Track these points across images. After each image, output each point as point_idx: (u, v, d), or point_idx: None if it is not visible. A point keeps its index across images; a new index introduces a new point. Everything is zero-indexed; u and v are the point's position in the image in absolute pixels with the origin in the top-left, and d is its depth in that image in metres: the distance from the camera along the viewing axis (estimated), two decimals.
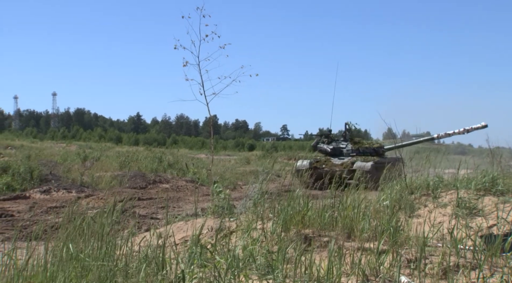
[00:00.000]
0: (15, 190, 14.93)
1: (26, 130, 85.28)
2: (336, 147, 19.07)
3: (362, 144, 18.98)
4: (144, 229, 8.05)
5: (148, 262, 3.62)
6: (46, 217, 9.50)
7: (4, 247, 4.54)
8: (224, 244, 4.31)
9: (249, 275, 3.45)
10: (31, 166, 17.33)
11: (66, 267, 3.57)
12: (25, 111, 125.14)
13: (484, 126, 14.76)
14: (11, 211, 10.85)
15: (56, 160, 24.46)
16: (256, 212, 5.18)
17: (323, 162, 18.04)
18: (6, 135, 56.83)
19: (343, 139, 19.61)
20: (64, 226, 4.33)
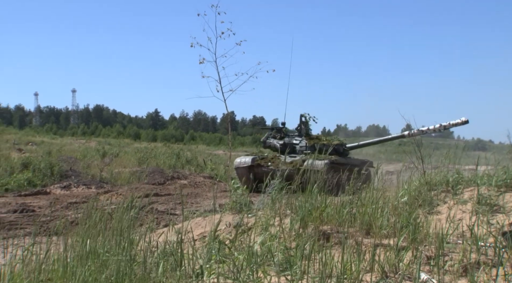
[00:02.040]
0: (36, 185, 15.13)
1: (46, 127, 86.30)
2: (288, 142, 16.60)
3: (319, 140, 16.38)
4: (163, 224, 8.09)
5: (167, 257, 3.64)
6: (66, 213, 9.61)
7: (25, 241, 4.60)
8: (242, 240, 4.31)
9: (267, 271, 3.45)
10: (52, 162, 17.56)
11: (85, 262, 3.60)
12: (45, 108, 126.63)
13: (464, 122, 12.89)
14: (32, 206, 10.99)
15: (75, 156, 24.73)
16: (274, 208, 5.18)
17: (270, 159, 15.62)
18: (27, 132, 57.60)
19: (297, 135, 17.07)
20: (83, 222, 4.37)
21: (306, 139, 16.34)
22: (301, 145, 16.31)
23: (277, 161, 15.22)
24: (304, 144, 16.26)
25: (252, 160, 15.48)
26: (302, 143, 16.35)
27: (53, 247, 4.05)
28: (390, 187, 6.09)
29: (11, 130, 53.40)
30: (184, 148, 40.96)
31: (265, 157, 15.74)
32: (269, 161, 15.42)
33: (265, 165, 15.23)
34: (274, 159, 15.51)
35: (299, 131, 17.00)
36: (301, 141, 16.42)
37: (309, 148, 15.85)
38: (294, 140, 16.54)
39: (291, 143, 16.47)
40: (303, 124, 17.12)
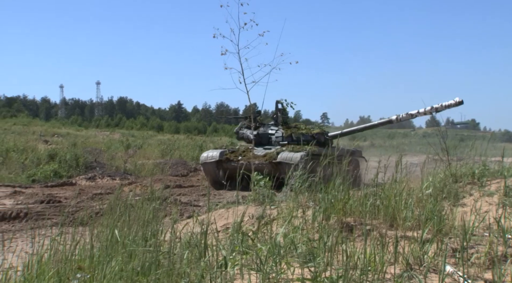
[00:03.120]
0: (62, 176, 15.38)
1: (72, 119, 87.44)
2: (262, 132, 14.95)
3: (298, 129, 14.77)
4: (186, 216, 8.16)
5: (191, 248, 3.67)
6: (91, 203, 9.75)
7: (52, 231, 4.67)
8: (265, 231, 4.32)
9: (290, 262, 3.45)
10: (77, 154, 17.81)
11: (111, 252, 3.65)
12: (71, 100, 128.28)
13: (458, 103, 11.57)
14: (59, 197, 11.18)
15: (100, 147, 25.03)
16: (297, 200, 5.17)
17: (241, 152, 14.03)
18: (53, 124, 58.44)
19: (273, 124, 15.43)
20: (108, 212, 4.42)
21: (282, 129, 14.82)
22: (277, 135, 14.77)
23: (249, 154, 13.75)
24: (280, 134, 14.73)
25: (220, 154, 13.92)
26: (278, 133, 14.80)
27: (79, 237, 4.11)
28: (414, 179, 6.04)
29: (37, 122, 54.27)
30: (207, 139, 41.15)
31: (236, 150, 14.30)
32: (240, 154, 13.92)
33: (235, 159, 13.69)
34: (246, 152, 13.97)
35: (275, 120, 15.42)
36: (277, 131, 14.87)
37: (286, 138, 14.46)
38: (270, 130, 15.01)
39: (266, 133, 14.98)
40: (279, 111, 15.44)
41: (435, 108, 11.89)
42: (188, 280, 3.18)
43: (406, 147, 32.57)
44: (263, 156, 13.40)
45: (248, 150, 14.09)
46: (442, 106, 11.72)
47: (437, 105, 11.80)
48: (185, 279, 3.19)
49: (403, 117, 13.00)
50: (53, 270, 3.54)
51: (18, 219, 8.46)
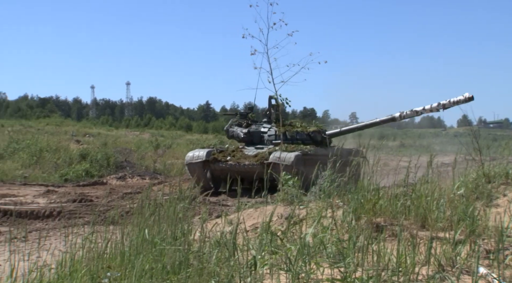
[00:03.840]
0: (93, 176, 15.63)
1: (102, 119, 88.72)
2: (254, 130, 13.82)
3: (293, 127, 13.65)
4: (215, 215, 8.19)
5: (220, 248, 3.68)
6: (121, 203, 9.88)
7: (84, 230, 4.74)
8: (294, 231, 4.31)
9: (320, 262, 3.44)
10: (108, 153, 18.09)
11: (142, 250, 3.68)
12: (101, 101, 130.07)
13: (468, 99, 10.51)
14: (90, 196, 11.36)
15: (130, 147, 25.33)
16: (326, 200, 5.14)
17: (230, 152, 12.94)
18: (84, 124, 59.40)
19: (266, 121, 14.25)
20: (138, 212, 4.46)
21: (276, 127, 13.61)
22: (269, 134, 13.63)
23: (239, 154, 12.72)
24: (273, 132, 13.58)
25: (207, 154, 12.78)
26: (271, 131, 13.65)
27: (110, 236, 4.16)
28: (445, 179, 5.93)
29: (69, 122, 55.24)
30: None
31: (225, 149, 13.20)
32: (228, 154, 12.83)
33: (223, 159, 12.61)
34: (236, 151, 12.91)
35: (268, 117, 14.27)
36: (270, 129, 13.71)
37: (279, 137, 13.24)
38: (262, 128, 13.85)
39: (258, 131, 13.83)
40: (272, 108, 14.23)
41: (442, 105, 11.04)
42: (218, 279, 3.20)
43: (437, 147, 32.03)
44: (254, 156, 12.32)
45: (238, 149, 13.09)
46: (450, 103, 10.84)
47: (445, 102, 10.96)
48: (215, 279, 3.20)
49: (407, 114, 12.15)
50: (85, 268, 3.60)
51: (52, 218, 8.64)
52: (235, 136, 14.20)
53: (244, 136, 13.89)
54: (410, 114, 12.09)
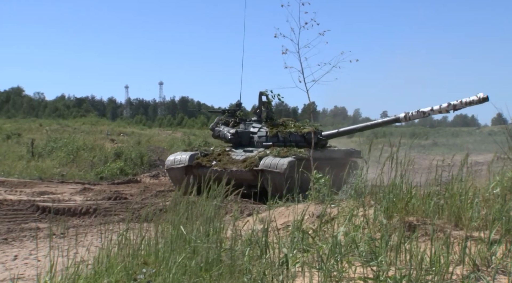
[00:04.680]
0: (127, 174, 15.86)
1: (136, 118, 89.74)
2: (242, 131, 12.40)
3: (286, 127, 12.24)
4: (246, 213, 8.21)
5: (252, 245, 3.69)
6: (155, 200, 9.99)
7: (119, 227, 4.81)
8: (325, 230, 4.29)
9: (351, 261, 3.41)
10: (141, 152, 18.32)
11: (176, 248, 3.72)
12: (135, 100, 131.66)
13: (482, 99, 9.58)
14: (124, 194, 11.54)
15: (163, 146, 25.59)
16: (358, 198, 5.09)
17: (216, 156, 11.54)
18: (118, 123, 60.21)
19: (255, 120, 12.78)
20: (172, 209, 4.51)
21: (267, 127, 12.25)
22: (259, 135, 12.19)
23: (226, 158, 11.36)
24: (264, 133, 12.15)
25: (189, 158, 11.48)
26: (261, 131, 12.21)
27: (144, 233, 4.21)
28: (479, 178, 5.81)
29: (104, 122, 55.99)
30: None
31: (210, 153, 11.78)
32: (214, 158, 11.44)
33: (208, 165, 11.18)
34: (222, 155, 11.54)
35: (258, 115, 12.73)
36: (260, 129, 12.27)
37: (270, 138, 11.98)
38: (252, 128, 12.45)
39: (247, 131, 12.42)
40: (263, 105, 12.69)
41: (453, 106, 10.11)
42: (250, 277, 3.20)
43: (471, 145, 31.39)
44: (242, 161, 10.98)
45: (224, 152, 11.74)
46: (462, 104, 9.96)
47: (456, 102, 10.03)
48: (247, 276, 3.21)
49: (412, 115, 11.08)
50: (121, 264, 3.66)
51: (88, 215, 8.80)
52: (222, 136, 12.79)
53: (231, 137, 12.45)
54: (416, 115, 11.11)
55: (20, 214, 9.07)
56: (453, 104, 10.03)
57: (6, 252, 6.16)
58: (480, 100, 9.61)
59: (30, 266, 5.31)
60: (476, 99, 9.65)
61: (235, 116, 13.02)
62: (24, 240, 6.83)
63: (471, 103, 9.79)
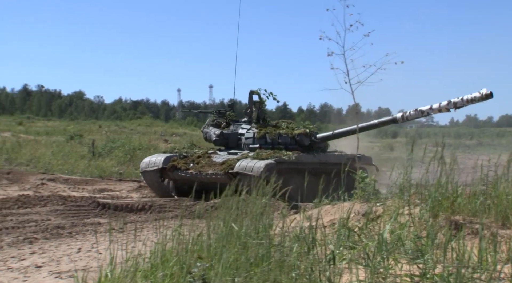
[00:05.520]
0: None
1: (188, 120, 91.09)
2: (229, 132, 11.33)
3: (276, 129, 11.14)
4: (293, 211, 8.19)
5: (299, 242, 3.68)
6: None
7: (173, 223, 4.90)
8: (371, 228, 4.23)
9: (397, 258, 3.35)
10: None
11: (227, 243, 3.75)
12: (187, 102, 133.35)
13: (486, 96, 8.50)
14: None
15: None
16: (403, 197, 5.00)
17: (195, 158, 10.53)
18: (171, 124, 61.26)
19: (246, 121, 11.72)
20: (223, 206, 4.55)
21: (257, 128, 11.16)
22: (247, 136, 11.10)
23: (205, 161, 10.31)
24: (251, 134, 11.05)
25: (164, 160, 10.41)
26: (249, 133, 11.12)
27: (197, 229, 4.27)
28: None
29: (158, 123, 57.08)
30: None
31: (190, 155, 10.79)
32: (192, 161, 10.45)
33: (184, 167, 10.25)
34: (202, 158, 10.51)
35: (249, 114, 11.72)
36: (248, 131, 11.20)
37: (258, 140, 10.87)
38: (240, 129, 11.40)
39: (235, 133, 11.37)
40: (254, 105, 11.60)
41: (453, 104, 8.96)
42: (299, 272, 3.20)
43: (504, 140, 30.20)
44: (220, 163, 9.95)
45: (206, 154, 10.69)
46: (463, 101, 8.81)
47: (457, 99, 8.89)
48: (295, 271, 3.20)
49: (410, 115, 9.98)
50: (175, 258, 3.72)
51: (144, 211, 9.00)
52: (208, 138, 11.76)
53: (216, 139, 11.33)
54: (414, 115, 9.98)
55: (83, 209, 9.38)
56: (454, 102, 8.95)
57: (70, 245, 6.38)
58: (483, 97, 8.56)
59: (92, 258, 5.48)
60: (478, 96, 8.57)
61: (226, 117, 11.94)
62: (86, 234, 7.05)
63: (473, 101, 8.69)
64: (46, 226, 7.60)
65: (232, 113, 12.07)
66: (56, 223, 7.97)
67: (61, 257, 5.69)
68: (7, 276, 4.86)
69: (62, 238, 6.84)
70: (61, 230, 7.36)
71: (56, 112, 78.95)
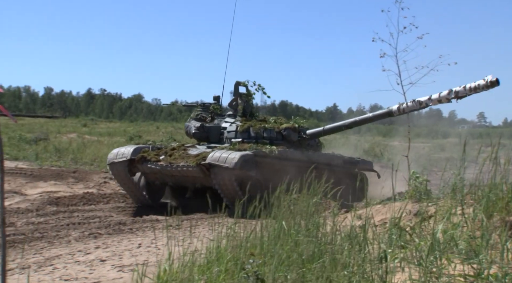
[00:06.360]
0: None
1: None
2: (210, 126, 10.33)
3: (261, 123, 10.17)
4: (344, 210, 8.09)
5: (351, 240, 3.63)
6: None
7: (227, 221, 4.94)
8: (423, 227, 4.12)
9: (451, 258, 3.24)
10: None
11: (279, 241, 3.75)
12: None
13: (491, 83, 7.36)
14: None
15: None
16: (455, 197, 4.84)
17: (168, 150, 9.45)
18: None
19: (231, 114, 10.76)
20: (275, 205, 4.55)
21: (241, 122, 10.18)
22: (229, 130, 10.14)
23: (179, 153, 9.27)
24: (234, 128, 10.08)
25: (133, 151, 9.29)
26: (232, 126, 10.16)
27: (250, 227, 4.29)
28: None
29: None
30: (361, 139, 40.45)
31: (163, 147, 9.81)
32: (165, 152, 9.36)
33: (154, 159, 9.19)
34: (177, 150, 9.44)
35: (234, 107, 10.73)
36: (231, 124, 10.25)
37: (241, 134, 9.89)
38: (224, 123, 10.41)
39: (217, 126, 10.37)
40: (240, 97, 10.61)
41: (455, 93, 7.86)
42: (351, 270, 3.15)
43: None
44: (195, 156, 8.95)
45: (181, 147, 9.66)
46: (466, 90, 7.69)
47: (459, 88, 7.79)
48: (348, 269, 3.16)
49: (407, 107, 8.91)
50: (230, 255, 3.75)
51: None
52: (189, 132, 10.68)
53: (195, 132, 10.27)
54: (412, 106, 8.88)
55: (142, 207, 9.64)
56: (456, 91, 7.84)
57: (131, 240, 6.56)
58: (488, 85, 7.42)
59: (151, 253, 5.61)
60: (483, 84, 7.43)
61: (211, 111, 10.89)
62: (146, 230, 7.23)
63: (476, 89, 7.56)
64: (109, 222, 7.86)
65: (217, 106, 11.06)
66: (118, 219, 8.22)
67: (123, 251, 5.86)
68: (75, 269, 5.05)
69: (123, 234, 7.05)
70: (123, 226, 7.60)
71: (117, 114, 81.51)
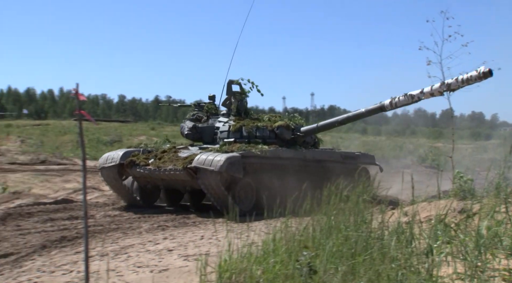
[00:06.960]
0: None
1: None
2: (203, 126, 9.53)
3: (255, 122, 9.35)
4: (390, 207, 7.93)
5: (398, 236, 3.57)
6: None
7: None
8: (467, 224, 3.99)
9: (495, 253, 3.13)
10: None
11: (330, 235, 3.75)
12: (291, 109, 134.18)
13: (484, 74, 6.63)
14: None
15: None
16: (499, 195, 4.65)
17: (159, 153, 8.66)
18: None
19: (225, 113, 9.85)
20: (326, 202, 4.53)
21: (234, 121, 9.34)
22: (222, 130, 9.32)
23: (169, 155, 8.50)
24: (227, 127, 9.26)
25: (123, 155, 8.56)
26: (225, 126, 9.33)
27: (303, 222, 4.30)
28: None
29: None
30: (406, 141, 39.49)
31: (154, 150, 8.99)
32: (154, 156, 8.61)
33: (143, 163, 8.45)
34: (168, 152, 8.64)
35: (228, 107, 9.79)
36: (224, 124, 9.40)
37: (233, 133, 9.11)
38: (217, 122, 9.57)
39: (211, 126, 9.54)
40: (234, 96, 9.65)
41: (447, 85, 7.13)
42: (398, 263, 3.10)
43: None
44: (184, 158, 8.21)
45: (172, 149, 8.83)
46: (458, 82, 6.96)
47: (451, 80, 7.07)
48: (396, 263, 3.11)
49: (399, 101, 8.11)
50: (284, 248, 3.78)
51: None
52: (182, 133, 9.89)
53: (188, 133, 9.57)
54: (404, 100, 8.09)
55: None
56: (448, 83, 7.14)
57: (195, 233, 6.72)
58: (481, 76, 6.73)
59: (213, 245, 5.71)
60: (475, 75, 6.75)
61: (205, 111, 10.05)
62: (207, 224, 7.38)
63: (469, 81, 6.88)
64: (175, 216, 8.07)
65: (212, 105, 10.18)
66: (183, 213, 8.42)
67: (188, 242, 6.01)
68: (146, 257, 5.24)
69: (187, 227, 7.24)
70: (187, 219, 7.78)
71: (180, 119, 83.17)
